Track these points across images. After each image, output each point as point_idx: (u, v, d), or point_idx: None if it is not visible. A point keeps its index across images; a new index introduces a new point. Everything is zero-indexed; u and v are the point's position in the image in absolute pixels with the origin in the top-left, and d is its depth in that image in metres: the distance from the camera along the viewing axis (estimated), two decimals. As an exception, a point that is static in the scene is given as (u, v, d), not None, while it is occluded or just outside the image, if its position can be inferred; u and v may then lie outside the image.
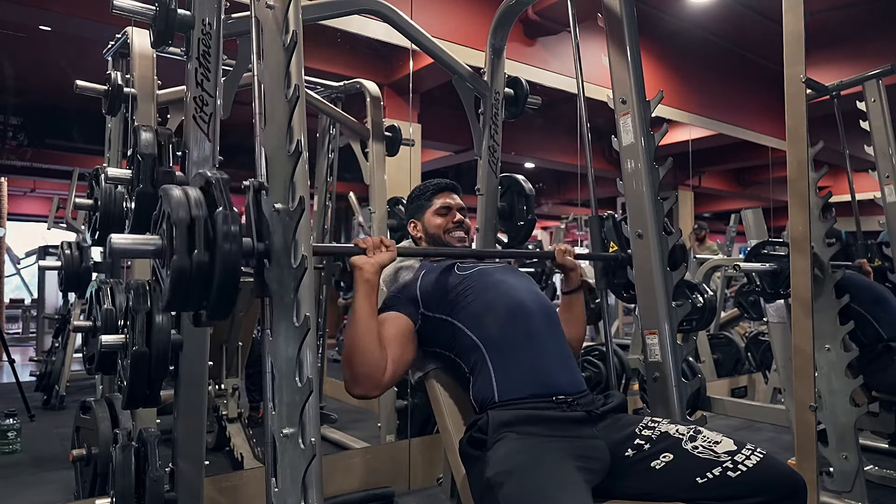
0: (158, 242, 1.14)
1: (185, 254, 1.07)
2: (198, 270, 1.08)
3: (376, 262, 1.46)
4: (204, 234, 1.09)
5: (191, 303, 1.13)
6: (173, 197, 1.11)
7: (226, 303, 1.13)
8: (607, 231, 2.05)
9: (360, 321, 1.42)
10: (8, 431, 3.08)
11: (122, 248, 1.15)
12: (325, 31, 3.46)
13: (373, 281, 1.45)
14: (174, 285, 1.08)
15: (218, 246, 1.09)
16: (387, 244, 1.51)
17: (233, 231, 1.10)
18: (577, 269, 1.86)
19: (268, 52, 1.33)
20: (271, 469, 1.21)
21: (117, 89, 2.20)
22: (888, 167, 3.06)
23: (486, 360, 1.48)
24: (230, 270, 1.10)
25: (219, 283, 1.10)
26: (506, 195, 2.45)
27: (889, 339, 2.74)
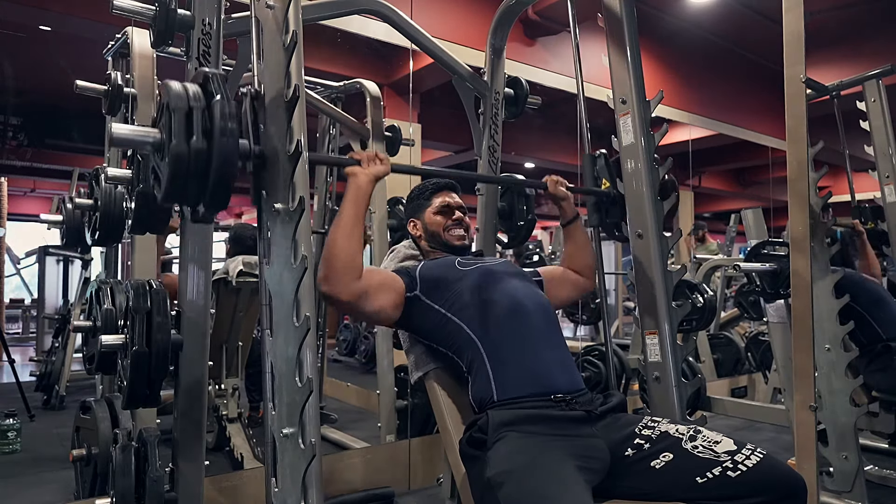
0: (158, 135, 1.17)
1: (184, 140, 1.10)
2: (196, 158, 1.10)
3: (371, 173, 1.50)
4: (202, 122, 1.11)
5: (188, 194, 1.15)
6: (173, 89, 1.13)
7: (222, 195, 1.16)
8: (599, 169, 2.07)
9: (345, 221, 1.45)
10: (8, 431, 3.08)
11: (123, 136, 1.17)
12: (325, 31, 3.46)
13: (365, 189, 1.49)
14: (173, 173, 1.11)
15: (215, 134, 1.11)
16: (381, 158, 1.55)
17: (229, 120, 1.13)
18: (569, 199, 1.91)
19: (268, 52, 1.33)
20: (271, 469, 1.21)
21: (117, 89, 2.20)
22: (888, 167, 3.06)
23: (483, 359, 1.48)
24: (227, 160, 1.13)
25: (216, 173, 1.12)
26: (506, 195, 2.45)
27: (889, 339, 2.75)
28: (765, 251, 2.87)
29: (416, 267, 1.67)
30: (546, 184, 1.91)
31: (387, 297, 1.55)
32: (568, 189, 1.91)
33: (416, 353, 1.68)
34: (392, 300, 1.56)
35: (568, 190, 1.91)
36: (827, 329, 2.39)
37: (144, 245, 2.17)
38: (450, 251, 1.77)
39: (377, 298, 1.52)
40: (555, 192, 1.90)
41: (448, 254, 1.77)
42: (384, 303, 1.54)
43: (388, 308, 1.56)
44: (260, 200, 1.29)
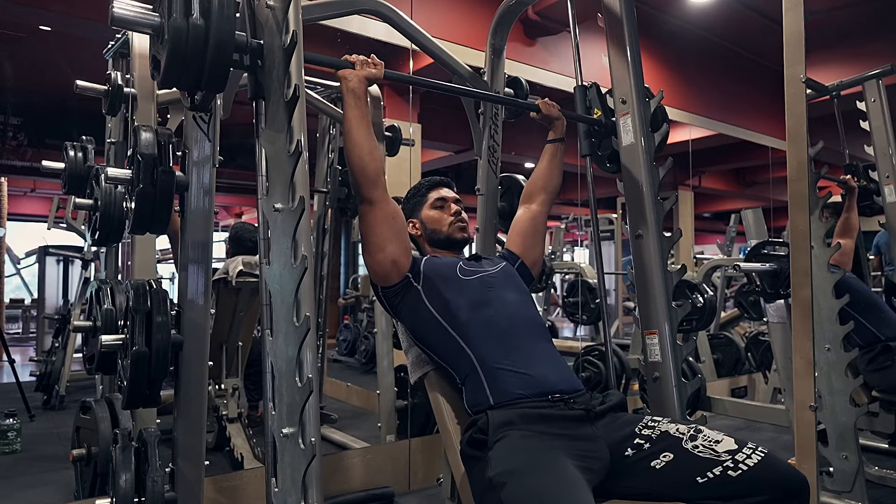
0: (158, 19, 1.20)
1: (183, 17, 1.14)
2: (194, 34, 1.14)
3: (362, 74, 1.54)
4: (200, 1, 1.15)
5: (186, 76, 1.18)
6: None
7: (219, 77, 1.19)
8: (591, 98, 2.08)
9: (353, 123, 1.50)
10: (8, 431, 3.08)
11: (124, 16, 1.19)
12: (325, 31, 3.46)
13: (358, 90, 1.52)
14: (172, 52, 1.14)
15: (213, 13, 1.14)
16: (375, 62, 1.58)
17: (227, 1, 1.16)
18: (561, 119, 1.96)
19: (268, 52, 1.33)
20: (271, 469, 1.21)
21: (117, 89, 2.20)
22: (888, 167, 3.06)
23: (477, 373, 1.48)
24: (224, 39, 1.16)
25: (213, 53, 1.15)
26: (506, 195, 2.45)
27: (888, 339, 2.75)
28: (765, 251, 2.87)
29: (421, 259, 1.67)
30: (538, 105, 1.94)
31: (392, 243, 1.57)
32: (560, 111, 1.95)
33: (415, 354, 1.68)
34: (396, 252, 1.57)
35: (560, 112, 1.95)
36: (827, 329, 2.39)
37: (144, 245, 2.16)
38: (452, 245, 1.77)
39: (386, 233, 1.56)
40: (548, 112, 1.94)
41: (450, 252, 1.77)
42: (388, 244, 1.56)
43: (389, 254, 1.56)
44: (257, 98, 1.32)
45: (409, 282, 1.59)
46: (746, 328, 5.29)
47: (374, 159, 1.54)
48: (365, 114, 1.53)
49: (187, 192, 1.60)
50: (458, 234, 1.78)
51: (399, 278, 1.59)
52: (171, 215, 1.57)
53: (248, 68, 1.34)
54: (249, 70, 1.34)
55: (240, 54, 1.30)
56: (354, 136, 1.51)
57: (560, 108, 1.97)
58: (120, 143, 2.45)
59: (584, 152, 2.08)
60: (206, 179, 1.60)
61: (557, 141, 1.95)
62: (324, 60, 1.55)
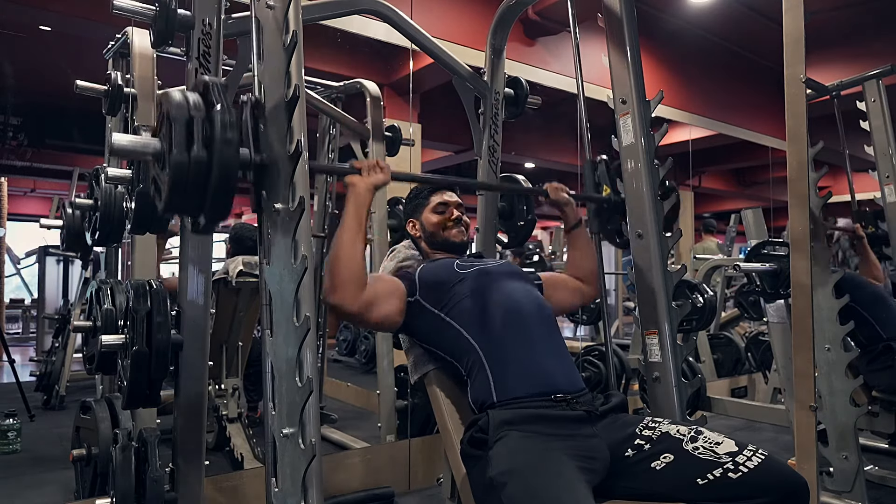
0: (158, 145, 1.16)
1: (184, 150, 1.09)
2: (196, 167, 1.10)
3: (370, 181, 1.50)
4: (202, 132, 1.11)
5: (188, 204, 1.14)
6: (174, 99, 1.13)
7: (222, 206, 1.15)
8: (600, 175, 2.07)
9: (348, 232, 1.45)
10: (8, 431, 3.08)
11: (123, 147, 1.17)
12: (325, 31, 3.46)
13: (364, 198, 1.49)
14: (173, 183, 1.10)
15: (216, 143, 1.11)
16: (381, 166, 1.55)
17: (229, 128, 1.12)
18: (571, 205, 1.90)
19: (268, 52, 1.33)
20: (271, 469, 1.21)
21: (117, 89, 2.20)
22: (888, 167, 3.06)
23: (482, 363, 1.48)
24: (227, 169, 1.12)
25: (216, 183, 1.11)
26: (506, 195, 2.45)
27: (889, 339, 2.74)
28: (765, 251, 2.87)
29: (416, 269, 1.66)
30: (546, 191, 1.89)
31: (392, 305, 1.55)
32: (569, 195, 1.90)
33: (415, 354, 1.68)
34: (396, 307, 1.56)
35: (569, 196, 1.90)
36: (827, 329, 2.39)
37: (144, 245, 2.17)
38: (449, 250, 1.77)
39: (383, 307, 1.52)
40: (557, 198, 1.88)
41: (448, 253, 1.77)
42: (389, 310, 1.55)
43: (394, 314, 1.56)
44: (260, 206, 1.28)
45: (411, 304, 1.59)
46: (746, 328, 5.29)
47: (363, 268, 1.47)
48: (365, 223, 1.49)
49: (187, 193, 1.59)
50: (457, 238, 1.78)
51: (405, 313, 1.58)
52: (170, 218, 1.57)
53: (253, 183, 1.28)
54: (254, 184, 1.28)
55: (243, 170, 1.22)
56: (350, 243, 1.44)
57: (568, 190, 1.91)
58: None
59: (593, 230, 2.08)
60: (206, 179, 1.59)
61: (575, 227, 1.89)
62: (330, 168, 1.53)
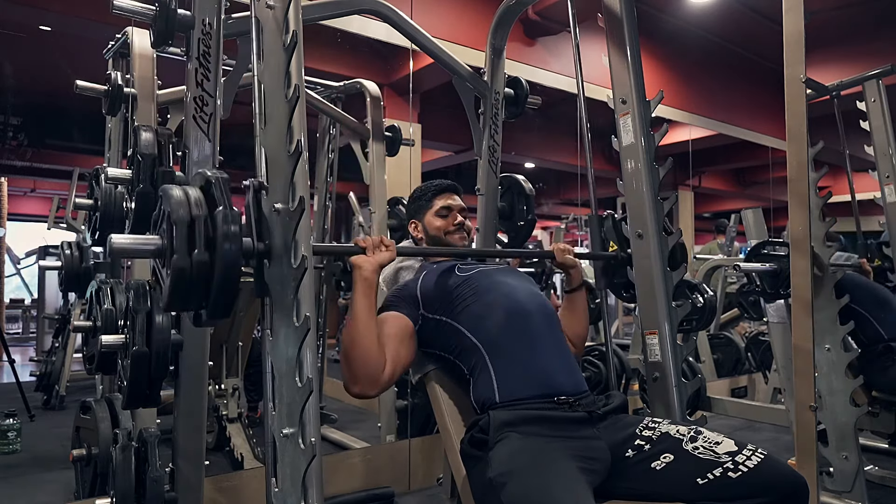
0: (158, 242, 1.14)
1: (185, 254, 1.08)
2: (198, 270, 1.08)
3: (375, 261, 1.46)
4: (204, 233, 1.09)
5: (191, 303, 1.13)
6: (173, 197, 1.11)
7: (226, 303, 1.14)
8: (607, 230, 2.05)
9: (359, 320, 1.42)
10: (8, 431, 3.08)
11: (122, 247, 1.15)
12: (325, 31, 3.46)
13: (371, 279, 1.45)
14: (174, 285, 1.09)
15: (218, 245, 1.09)
16: (386, 244, 1.51)
17: (233, 231, 1.10)
18: (577, 268, 1.86)
19: (268, 52, 1.33)
20: (271, 469, 1.21)
21: (117, 89, 2.20)
22: (888, 167, 3.06)
23: (485, 362, 1.48)
24: (230, 270, 1.10)
25: (219, 283, 1.10)
26: (506, 195, 2.45)
27: (889, 340, 2.74)
28: (765, 251, 2.87)
29: (415, 281, 1.66)
30: (553, 253, 1.85)
31: (408, 348, 1.55)
32: (576, 256, 1.87)
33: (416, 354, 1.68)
34: (410, 345, 1.56)
35: (576, 257, 1.86)
36: (827, 329, 2.39)
37: (144, 245, 2.16)
38: (451, 253, 1.77)
39: (401, 359, 1.52)
40: (563, 260, 1.84)
41: (448, 257, 1.77)
42: (407, 355, 1.55)
43: (410, 353, 1.56)
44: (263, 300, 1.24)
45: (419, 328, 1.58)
46: (746, 328, 5.29)
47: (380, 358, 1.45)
48: (374, 307, 1.48)
49: (187, 193, 1.59)
50: (459, 244, 1.79)
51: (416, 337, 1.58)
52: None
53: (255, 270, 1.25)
54: (255, 271, 1.25)
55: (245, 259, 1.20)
56: (362, 329, 1.42)
57: (575, 252, 1.88)
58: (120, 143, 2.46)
59: (599, 287, 2.08)
60: (206, 179, 1.59)
61: (576, 290, 1.86)
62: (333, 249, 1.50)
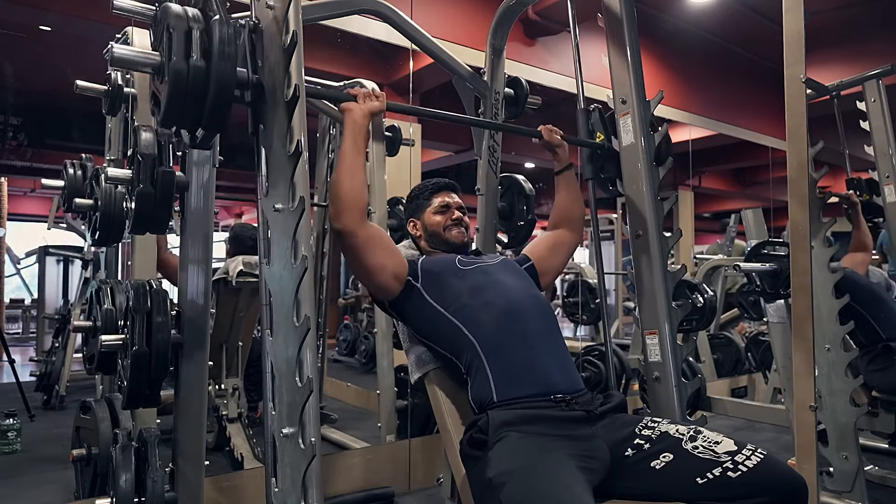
0: (158, 58, 1.19)
1: (183, 59, 1.12)
2: (194, 77, 1.12)
3: (366, 108, 1.53)
4: (201, 42, 1.13)
5: (187, 116, 1.17)
6: (172, 9, 1.15)
7: (219, 117, 1.18)
8: (594, 122, 2.09)
9: (347, 158, 1.49)
10: (8, 431, 3.08)
11: (123, 57, 1.19)
12: (325, 31, 3.46)
13: (361, 123, 1.51)
14: (171, 93, 1.12)
15: (214, 54, 1.13)
16: (377, 95, 1.57)
17: (228, 38, 1.14)
18: (564, 146, 1.95)
19: (268, 52, 1.33)
20: (271, 469, 1.21)
21: (117, 89, 2.20)
22: (888, 167, 3.06)
23: (482, 361, 1.48)
24: (225, 80, 1.15)
25: (214, 94, 1.14)
26: (506, 195, 2.45)
27: (889, 339, 2.74)
28: (765, 251, 2.87)
29: (417, 259, 1.68)
30: (541, 132, 1.94)
31: (390, 259, 1.57)
32: (562, 137, 1.94)
33: (416, 353, 1.68)
34: (394, 265, 1.58)
35: (562, 138, 1.94)
36: (827, 329, 2.39)
37: (144, 245, 2.16)
38: (450, 250, 1.78)
39: (381, 253, 1.55)
40: (550, 139, 1.93)
41: (449, 252, 1.77)
42: (387, 261, 1.56)
43: (390, 270, 1.57)
44: (258, 135, 1.30)
45: (410, 284, 1.60)
46: (746, 328, 5.29)
47: (365, 193, 1.53)
48: (364, 148, 1.53)
49: (187, 192, 1.60)
50: (458, 239, 1.79)
51: (401, 286, 1.60)
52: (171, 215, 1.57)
53: (250, 104, 1.31)
54: (251, 106, 1.31)
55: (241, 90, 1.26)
56: (350, 168, 1.49)
57: (562, 133, 1.95)
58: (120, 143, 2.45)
59: (586, 176, 2.10)
60: (206, 179, 1.60)
61: (565, 170, 1.94)
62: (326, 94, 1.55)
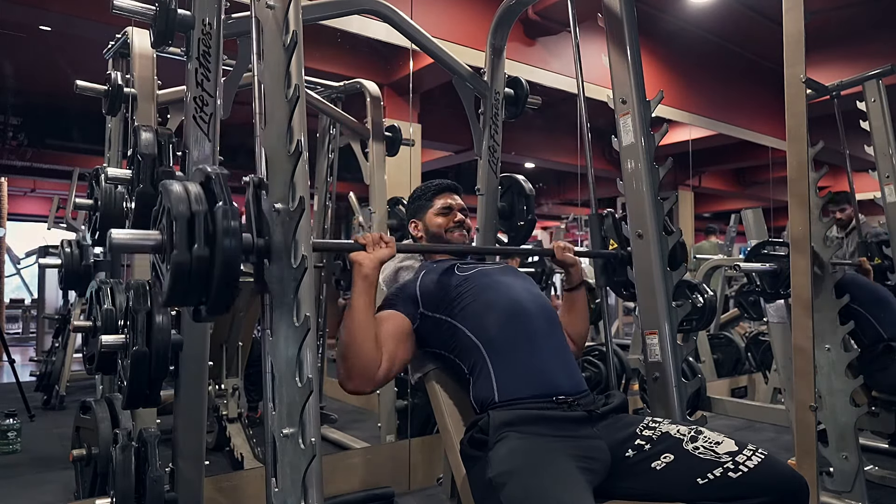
0: (158, 237, 1.14)
1: (185, 249, 1.08)
2: (197, 265, 1.08)
3: (375, 258, 1.47)
4: (204, 228, 1.09)
5: (190, 298, 1.13)
6: (173, 192, 1.11)
7: (225, 298, 1.14)
8: (607, 229, 2.06)
9: (357, 316, 1.43)
10: (8, 431, 3.08)
11: (122, 242, 1.16)
12: (325, 31, 3.46)
13: (371, 276, 1.46)
14: (174, 280, 1.08)
15: (218, 241, 1.09)
16: (386, 240, 1.52)
17: (233, 226, 1.10)
18: (577, 265, 1.86)
19: (268, 52, 1.33)
20: (271, 469, 1.21)
21: (117, 89, 2.20)
22: (888, 167, 3.06)
23: (485, 361, 1.48)
24: (230, 266, 1.10)
25: (218, 279, 1.10)
26: (506, 195, 2.45)
27: (889, 339, 2.74)
28: (765, 251, 2.87)
29: (415, 280, 1.66)
30: (553, 251, 1.84)
31: (405, 347, 1.55)
32: (575, 254, 1.86)
33: (416, 354, 1.68)
34: (408, 345, 1.56)
35: (576, 255, 1.85)
36: (827, 329, 2.39)
37: (144, 245, 2.16)
38: (452, 252, 1.77)
39: (398, 358, 1.52)
40: (562, 258, 1.82)
41: (448, 256, 1.77)
42: (405, 354, 1.55)
43: (408, 352, 1.56)
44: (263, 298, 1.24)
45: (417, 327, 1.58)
46: (746, 328, 5.29)
47: (375, 354, 1.45)
48: (373, 302, 1.47)
49: (187, 193, 1.59)
50: (459, 241, 1.79)
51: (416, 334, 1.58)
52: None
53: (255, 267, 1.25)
54: (255, 268, 1.25)
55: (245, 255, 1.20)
56: (360, 326, 1.42)
57: (575, 249, 1.86)
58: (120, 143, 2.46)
59: (600, 285, 2.08)
60: (206, 179, 1.59)
61: (576, 289, 1.84)
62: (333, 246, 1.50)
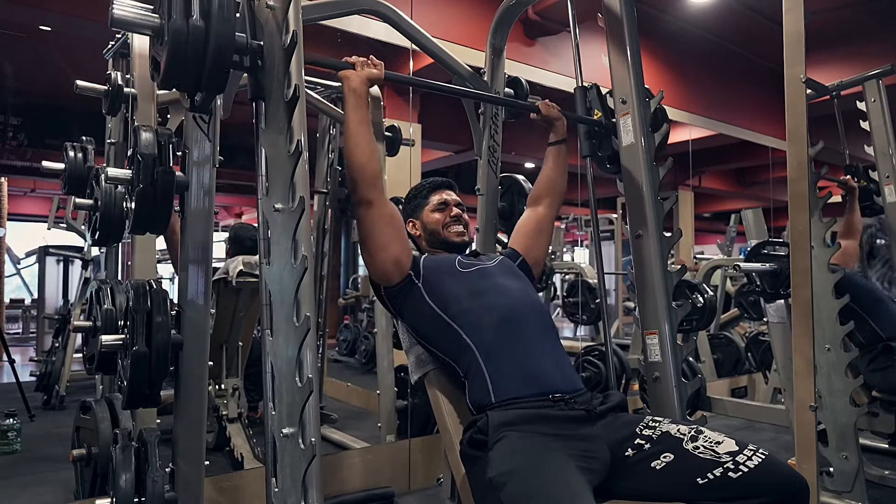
0: (157, 20, 1.20)
1: (183, 17, 1.14)
2: (194, 37, 1.14)
3: (364, 74, 1.56)
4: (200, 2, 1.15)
5: (186, 77, 1.18)
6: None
7: (219, 79, 1.20)
8: (591, 99, 2.09)
9: (351, 127, 1.52)
10: (8, 431, 3.08)
11: (124, 17, 1.19)
12: (325, 31, 3.46)
13: (359, 90, 1.54)
14: (172, 51, 1.14)
15: (213, 14, 1.15)
16: (375, 62, 1.60)
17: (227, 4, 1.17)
18: (562, 119, 1.96)
19: (268, 52, 1.33)
20: (271, 469, 1.21)
21: (117, 89, 2.20)
22: (888, 167, 3.06)
23: (479, 364, 1.48)
24: (224, 40, 1.17)
25: (213, 55, 1.15)
26: (506, 195, 2.45)
27: (889, 339, 2.74)
28: (765, 251, 2.87)
29: (420, 257, 1.68)
30: (538, 107, 1.95)
31: (395, 243, 1.58)
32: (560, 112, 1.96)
33: (415, 354, 1.68)
34: (398, 250, 1.58)
35: (560, 112, 1.95)
36: (827, 329, 2.39)
37: (144, 245, 2.16)
38: (450, 249, 1.77)
39: (388, 232, 1.57)
40: (548, 113, 1.94)
41: (449, 252, 1.77)
42: (392, 244, 1.57)
43: (393, 253, 1.57)
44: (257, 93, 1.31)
45: (410, 280, 1.60)
46: (746, 328, 5.29)
47: (374, 160, 1.55)
48: (366, 115, 1.55)
49: (187, 192, 1.60)
50: (457, 239, 1.78)
51: (401, 277, 1.60)
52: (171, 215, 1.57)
53: (249, 69, 1.33)
54: (249, 71, 1.33)
55: (240, 55, 1.29)
56: (355, 137, 1.52)
57: (560, 108, 1.97)
58: (120, 143, 2.45)
59: (584, 153, 2.09)
60: (206, 179, 1.60)
61: (559, 143, 1.95)
62: (325, 62, 1.56)
